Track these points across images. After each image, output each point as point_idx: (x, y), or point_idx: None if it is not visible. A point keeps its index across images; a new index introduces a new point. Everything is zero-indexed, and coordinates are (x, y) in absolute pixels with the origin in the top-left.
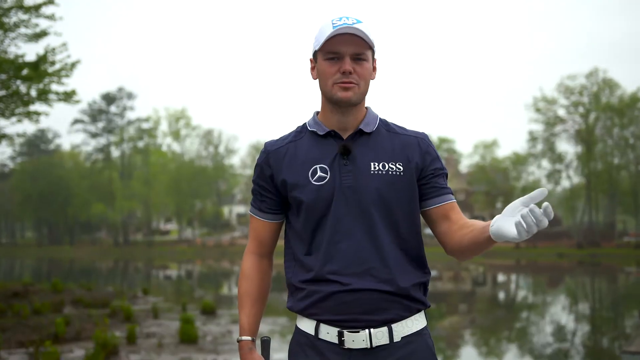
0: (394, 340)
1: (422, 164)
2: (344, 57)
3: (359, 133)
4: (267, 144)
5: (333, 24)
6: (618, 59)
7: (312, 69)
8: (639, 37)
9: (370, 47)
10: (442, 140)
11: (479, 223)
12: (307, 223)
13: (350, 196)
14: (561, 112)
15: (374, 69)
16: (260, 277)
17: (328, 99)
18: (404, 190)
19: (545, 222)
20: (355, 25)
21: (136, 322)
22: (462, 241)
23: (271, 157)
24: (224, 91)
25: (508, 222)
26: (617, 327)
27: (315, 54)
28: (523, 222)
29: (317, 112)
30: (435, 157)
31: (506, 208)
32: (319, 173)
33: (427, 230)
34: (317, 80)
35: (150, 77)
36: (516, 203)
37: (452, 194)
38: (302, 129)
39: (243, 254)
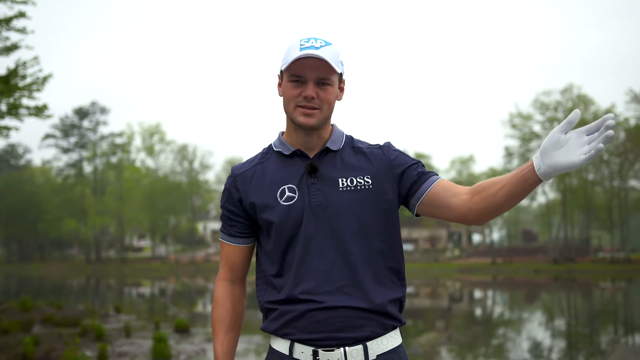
0: (369, 359)
1: (392, 169)
2: (307, 81)
3: (325, 151)
4: (233, 168)
5: (301, 45)
6: (592, 75)
7: (279, 85)
8: (612, 54)
9: (336, 72)
10: (419, 156)
11: (504, 178)
12: (277, 244)
13: (320, 214)
14: (537, 128)
15: (342, 89)
16: (233, 304)
17: (290, 120)
18: (375, 203)
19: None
20: (322, 49)
21: (108, 342)
22: (495, 201)
23: (238, 180)
24: (199, 106)
25: (564, 154)
26: (593, 343)
27: (282, 71)
28: (593, 150)
29: (282, 132)
30: (402, 156)
31: (547, 144)
32: (288, 193)
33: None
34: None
35: (124, 92)
36: (556, 135)
37: (437, 174)
38: (268, 151)
39: (217, 276)
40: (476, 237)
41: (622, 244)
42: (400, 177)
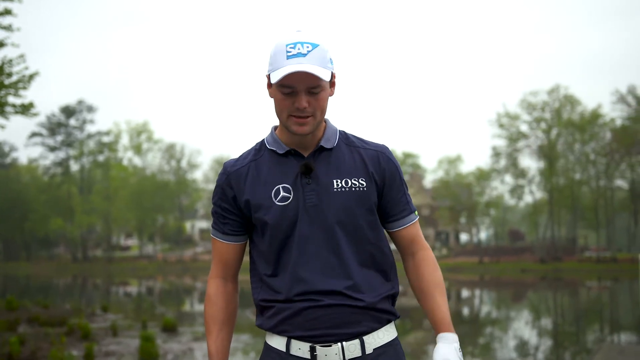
0: (366, 353)
1: (383, 179)
2: (298, 92)
3: (320, 150)
4: (226, 165)
5: (287, 52)
6: (588, 76)
7: (268, 86)
8: (600, 55)
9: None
10: (407, 156)
11: (427, 306)
12: (272, 244)
13: (315, 215)
14: (524, 128)
15: (333, 84)
16: (226, 302)
17: (283, 127)
18: (368, 206)
19: None
20: (309, 55)
21: (94, 341)
22: (414, 292)
23: (232, 177)
24: (187, 104)
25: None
26: (579, 341)
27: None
28: None
29: (275, 127)
30: (396, 172)
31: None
32: (282, 193)
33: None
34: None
35: (111, 90)
36: None
37: (414, 211)
38: (261, 147)
39: (207, 274)
40: (464, 237)
41: (608, 243)
42: (383, 189)
